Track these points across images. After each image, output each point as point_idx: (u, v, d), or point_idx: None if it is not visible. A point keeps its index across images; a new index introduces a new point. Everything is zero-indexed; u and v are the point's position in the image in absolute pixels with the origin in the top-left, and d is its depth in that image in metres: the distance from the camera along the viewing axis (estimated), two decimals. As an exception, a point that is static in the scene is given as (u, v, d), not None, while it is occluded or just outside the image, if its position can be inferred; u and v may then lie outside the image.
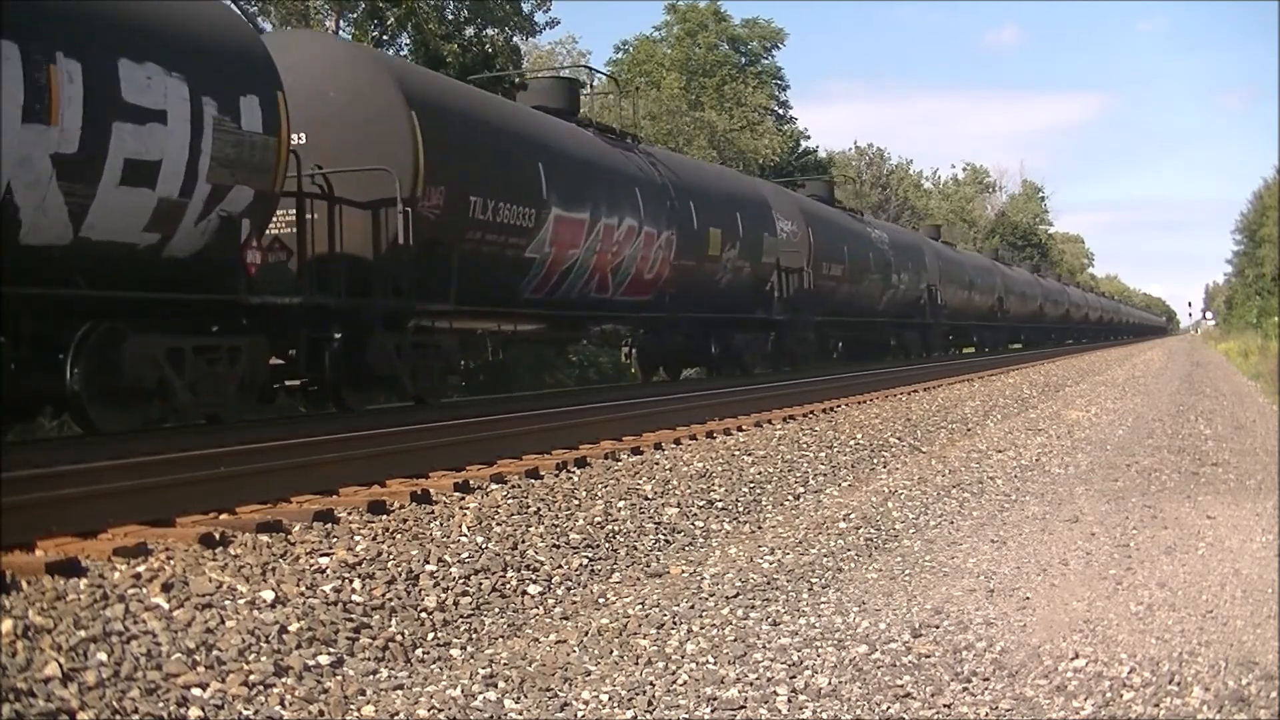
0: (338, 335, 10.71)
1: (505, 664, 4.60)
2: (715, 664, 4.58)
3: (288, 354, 10.51)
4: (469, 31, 26.04)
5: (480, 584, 5.52)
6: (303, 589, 4.95)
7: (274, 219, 10.16)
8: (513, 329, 15.25)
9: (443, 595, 5.29)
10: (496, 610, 5.33)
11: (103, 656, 4.00)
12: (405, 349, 11.49)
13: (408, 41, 25.19)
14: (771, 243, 20.50)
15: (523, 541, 6.23)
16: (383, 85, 11.40)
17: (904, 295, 30.18)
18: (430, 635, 4.92)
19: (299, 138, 10.41)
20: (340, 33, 24.39)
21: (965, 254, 42.93)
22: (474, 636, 5.01)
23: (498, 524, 6.42)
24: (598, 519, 6.93)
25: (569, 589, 5.80)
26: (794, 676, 4.39)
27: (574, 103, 16.33)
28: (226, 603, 4.64)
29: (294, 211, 10.55)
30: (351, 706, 4.08)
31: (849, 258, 25.34)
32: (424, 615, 5.07)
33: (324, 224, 10.75)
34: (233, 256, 9.26)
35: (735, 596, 5.60)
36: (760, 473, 9.14)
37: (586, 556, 6.29)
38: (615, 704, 4.14)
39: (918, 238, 35.13)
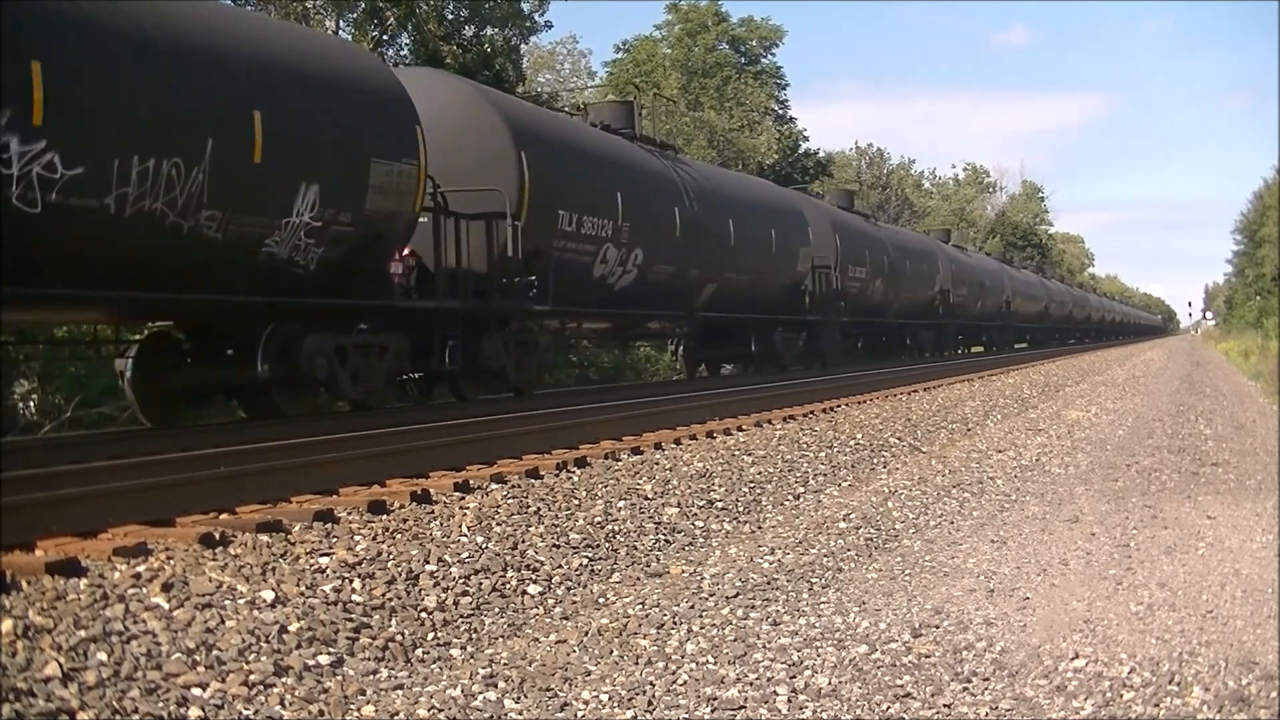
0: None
1: (505, 664, 4.60)
2: (715, 664, 4.57)
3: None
4: (468, 31, 26.02)
5: (480, 584, 5.52)
6: (303, 589, 4.95)
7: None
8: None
9: (443, 595, 5.29)
10: (496, 610, 5.33)
11: (103, 656, 4.00)
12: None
13: (407, 41, 25.16)
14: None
15: (523, 541, 6.23)
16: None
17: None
18: (430, 635, 4.92)
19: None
20: (340, 33, 24.39)
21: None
22: (474, 636, 5.01)
23: (498, 524, 6.41)
24: (598, 519, 6.92)
25: (569, 589, 5.80)
26: (794, 676, 4.39)
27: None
28: (226, 603, 4.64)
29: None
30: (351, 706, 4.08)
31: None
32: (424, 615, 5.07)
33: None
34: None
35: (735, 596, 5.60)
36: (760, 473, 9.14)
37: (586, 556, 6.29)
38: (615, 704, 4.14)
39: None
